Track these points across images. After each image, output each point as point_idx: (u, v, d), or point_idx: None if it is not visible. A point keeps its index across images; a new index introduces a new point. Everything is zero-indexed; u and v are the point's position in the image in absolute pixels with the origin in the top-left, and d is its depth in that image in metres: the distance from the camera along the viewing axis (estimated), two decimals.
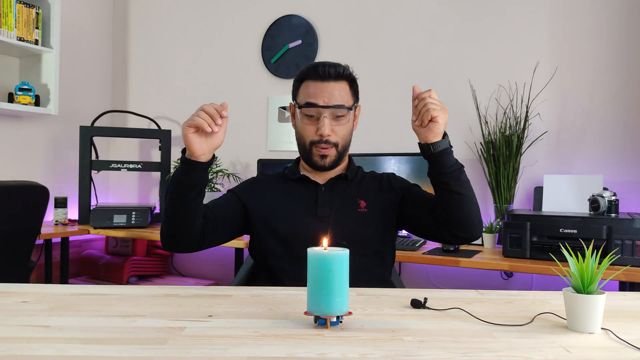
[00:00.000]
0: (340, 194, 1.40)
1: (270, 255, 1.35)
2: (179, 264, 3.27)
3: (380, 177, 1.47)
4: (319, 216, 1.36)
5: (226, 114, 1.18)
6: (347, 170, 1.43)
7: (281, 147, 3.04)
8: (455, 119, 2.62)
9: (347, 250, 0.89)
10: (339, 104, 1.33)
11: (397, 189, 1.43)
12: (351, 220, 1.36)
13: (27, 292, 1.09)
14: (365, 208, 1.38)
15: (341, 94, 1.34)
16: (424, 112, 1.20)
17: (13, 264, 2.13)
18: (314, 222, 1.34)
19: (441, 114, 1.20)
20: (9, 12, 2.62)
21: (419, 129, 1.24)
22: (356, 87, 1.40)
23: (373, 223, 1.37)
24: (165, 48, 3.38)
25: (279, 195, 1.40)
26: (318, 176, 1.42)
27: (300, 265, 1.24)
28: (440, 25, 2.69)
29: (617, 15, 2.36)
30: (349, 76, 1.37)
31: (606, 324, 0.89)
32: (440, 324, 0.90)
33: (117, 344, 0.77)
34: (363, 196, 1.40)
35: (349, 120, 1.37)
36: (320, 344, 0.78)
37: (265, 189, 1.42)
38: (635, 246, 1.84)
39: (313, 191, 1.40)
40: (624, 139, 2.34)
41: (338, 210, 1.37)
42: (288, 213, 1.37)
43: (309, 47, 2.98)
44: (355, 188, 1.42)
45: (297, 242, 1.31)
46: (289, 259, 1.33)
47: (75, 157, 2.97)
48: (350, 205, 1.38)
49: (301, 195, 1.40)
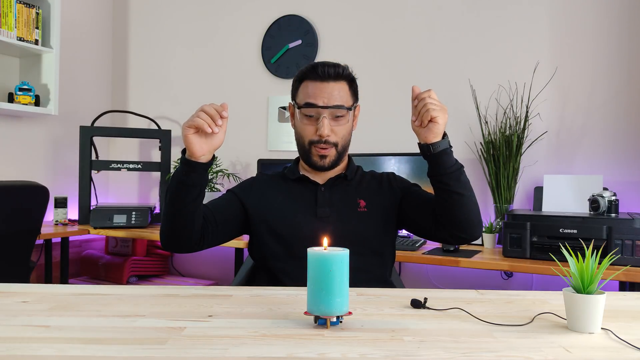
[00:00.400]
0: (340, 193, 1.40)
1: (270, 256, 1.35)
2: (179, 264, 3.27)
3: (380, 176, 1.47)
4: (319, 216, 1.36)
5: (226, 115, 1.18)
6: (347, 169, 1.43)
7: (281, 147, 3.04)
8: (455, 119, 2.62)
9: (347, 250, 0.89)
10: (339, 104, 1.33)
11: (396, 189, 1.43)
12: (351, 220, 1.36)
13: (27, 292, 1.09)
14: (365, 208, 1.38)
15: (340, 94, 1.34)
16: (424, 112, 1.19)
17: (13, 264, 2.13)
18: (313, 222, 1.34)
19: (441, 114, 1.19)
20: (9, 12, 2.62)
21: (419, 129, 1.24)
22: (355, 87, 1.40)
23: (373, 223, 1.37)
24: (165, 48, 3.38)
25: (278, 195, 1.40)
26: (317, 176, 1.42)
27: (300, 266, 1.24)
28: (440, 26, 2.69)
29: (617, 15, 2.36)
30: (349, 76, 1.37)
31: (606, 324, 0.89)
32: (440, 324, 0.90)
33: (117, 344, 0.77)
34: (363, 196, 1.40)
35: (348, 121, 1.37)
36: (320, 344, 0.78)
37: (264, 189, 1.42)
38: (635, 246, 1.84)
39: (312, 191, 1.40)
40: (624, 139, 2.34)
41: (338, 210, 1.37)
42: (287, 213, 1.37)
43: (309, 47, 2.98)
44: (354, 188, 1.42)
45: (297, 242, 1.31)
46: (288, 259, 1.33)
47: (75, 157, 2.97)
48: (350, 205, 1.38)
49: (301, 195, 1.40)
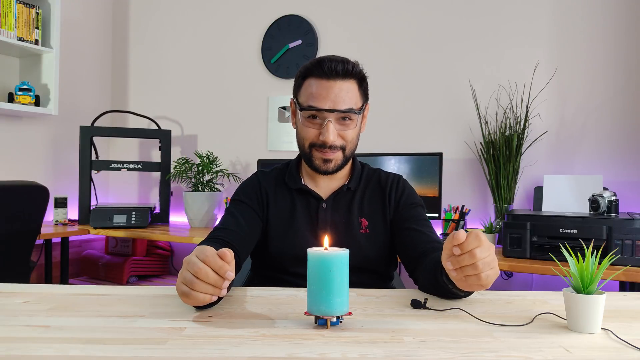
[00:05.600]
0: (342, 211, 1.31)
1: (268, 266, 1.32)
2: (179, 264, 3.27)
3: (385, 182, 1.35)
4: (319, 239, 1.28)
5: (232, 276, 0.84)
6: (351, 178, 1.34)
7: (281, 147, 3.04)
8: (455, 119, 2.62)
9: (347, 250, 0.89)
10: (347, 107, 1.20)
11: (394, 208, 1.32)
12: (352, 242, 1.27)
13: (27, 292, 1.09)
14: (366, 228, 1.30)
15: (349, 95, 1.21)
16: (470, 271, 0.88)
17: (13, 264, 2.12)
18: (313, 244, 1.26)
19: (492, 277, 0.89)
20: (9, 12, 2.62)
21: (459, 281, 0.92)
22: (366, 85, 1.27)
23: (374, 245, 1.30)
24: (165, 48, 3.38)
25: (280, 210, 1.32)
26: (320, 186, 1.33)
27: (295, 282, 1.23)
28: (441, 26, 2.69)
29: (617, 15, 2.36)
30: (359, 74, 1.23)
31: (606, 324, 0.89)
32: (440, 324, 0.90)
33: (117, 344, 0.77)
34: (365, 213, 1.31)
35: (356, 125, 1.25)
36: (320, 344, 0.78)
37: (268, 201, 1.33)
38: (635, 246, 1.84)
39: (314, 207, 1.31)
40: (624, 139, 2.34)
41: (338, 233, 1.29)
42: (288, 231, 1.29)
43: (309, 47, 2.98)
44: (358, 203, 1.32)
45: (296, 260, 1.26)
46: (285, 273, 1.29)
47: (75, 157, 2.97)
48: (351, 226, 1.30)
49: (302, 211, 1.31)
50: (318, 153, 1.25)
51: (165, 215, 2.96)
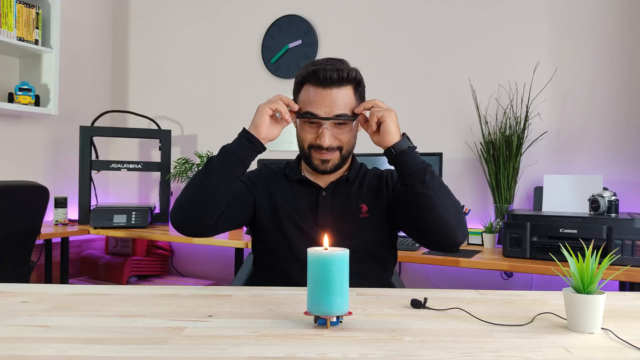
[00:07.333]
0: (342, 198, 1.36)
1: (273, 254, 1.34)
2: (179, 264, 3.27)
3: (381, 175, 1.42)
4: (320, 224, 1.32)
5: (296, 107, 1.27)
6: (350, 171, 1.39)
7: (281, 147, 3.04)
8: (455, 119, 2.62)
9: (347, 250, 0.89)
10: (342, 113, 1.25)
11: (390, 189, 1.38)
12: (352, 227, 1.32)
13: (27, 292, 1.09)
14: (366, 213, 1.34)
15: (345, 101, 1.26)
16: (370, 118, 1.23)
17: (13, 264, 2.13)
18: (314, 230, 1.31)
19: (386, 113, 1.22)
20: (9, 12, 2.62)
21: (377, 138, 1.26)
22: (362, 89, 1.32)
23: (374, 229, 1.34)
24: (165, 48, 3.38)
25: (281, 198, 1.36)
26: (319, 178, 1.37)
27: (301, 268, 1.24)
28: (441, 25, 2.69)
29: (617, 15, 2.36)
30: (354, 79, 1.28)
31: (606, 324, 0.89)
32: (440, 324, 0.90)
33: (117, 344, 0.77)
34: (365, 199, 1.36)
35: (352, 128, 1.31)
36: (320, 344, 0.78)
37: (270, 188, 1.38)
38: (635, 246, 1.84)
39: (314, 195, 1.35)
40: (624, 139, 2.34)
41: (339, 218, 1.33)
42: (289, 219, 1.33)
43: (309, 47, 2.98)
44: (356, 190, 1.37)
45: (298, 248, 1.28)
46: (289, 262, 1.31)
47: (75, 157, 2.97)
48: (352, 211, 1.34)
49: (302, 199, 1.36)
50: (316, 154, 1.31)
51: (165, 215, 2.96)
